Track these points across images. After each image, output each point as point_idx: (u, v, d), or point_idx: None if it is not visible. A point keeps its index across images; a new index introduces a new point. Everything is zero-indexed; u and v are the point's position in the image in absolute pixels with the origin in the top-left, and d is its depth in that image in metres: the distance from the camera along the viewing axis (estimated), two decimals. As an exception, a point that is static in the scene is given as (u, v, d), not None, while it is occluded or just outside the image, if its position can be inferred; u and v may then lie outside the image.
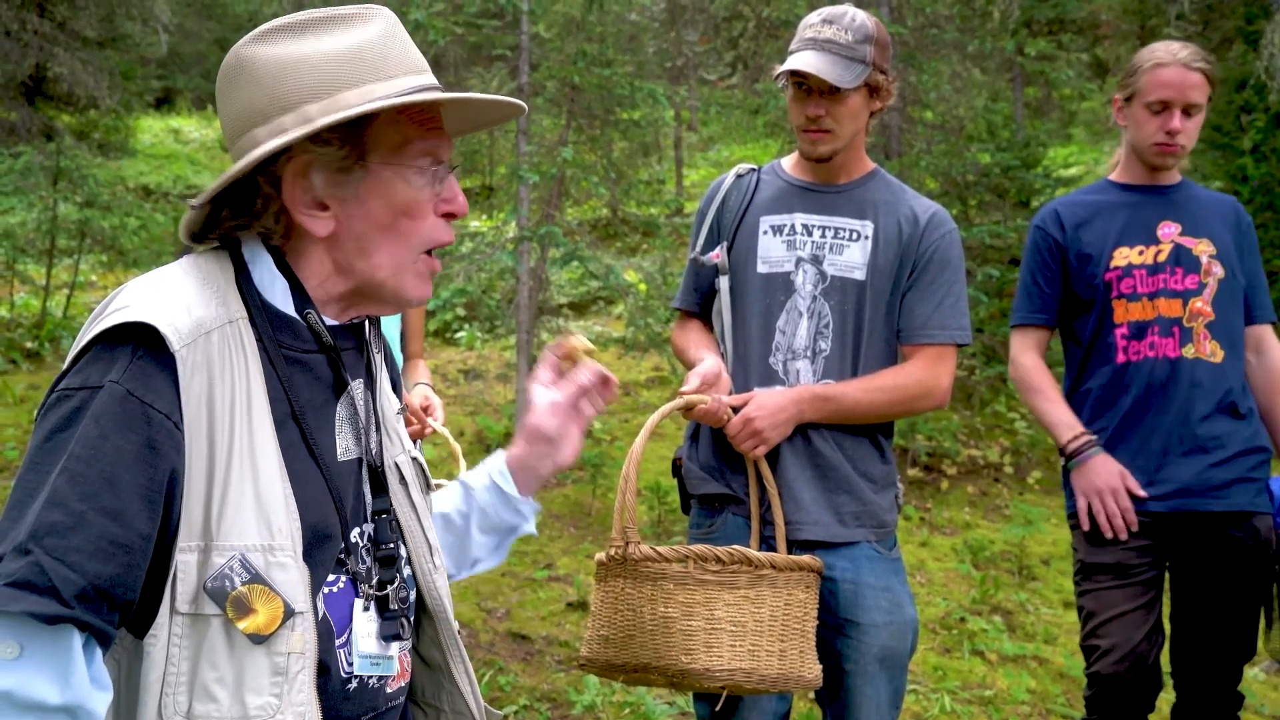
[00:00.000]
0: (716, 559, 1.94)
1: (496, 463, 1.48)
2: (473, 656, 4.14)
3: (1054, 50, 8.59)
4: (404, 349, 2.94)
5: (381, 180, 1.21)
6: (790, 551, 2.23)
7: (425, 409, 2.72)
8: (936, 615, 4.72)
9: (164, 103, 16.84)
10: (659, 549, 1.95)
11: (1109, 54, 12.23)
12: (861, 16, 2.26)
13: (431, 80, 1.23)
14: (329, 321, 1.26)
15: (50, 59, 10.84)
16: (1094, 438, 2.61)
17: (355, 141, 1.19)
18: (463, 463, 2.69)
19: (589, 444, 6.67)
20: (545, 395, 1.47)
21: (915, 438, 6.57)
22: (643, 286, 7.45)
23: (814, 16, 2.28)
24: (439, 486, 2.58)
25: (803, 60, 2.21)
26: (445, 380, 7.86)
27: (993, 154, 7.76)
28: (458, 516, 1.47)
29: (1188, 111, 2.59)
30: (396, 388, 1.44)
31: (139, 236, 8.39)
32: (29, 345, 7.74)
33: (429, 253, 1.26)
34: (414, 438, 2.75)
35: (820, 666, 2.09)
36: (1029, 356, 2.73)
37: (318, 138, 1.17)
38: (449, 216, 1.26)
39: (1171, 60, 2.59)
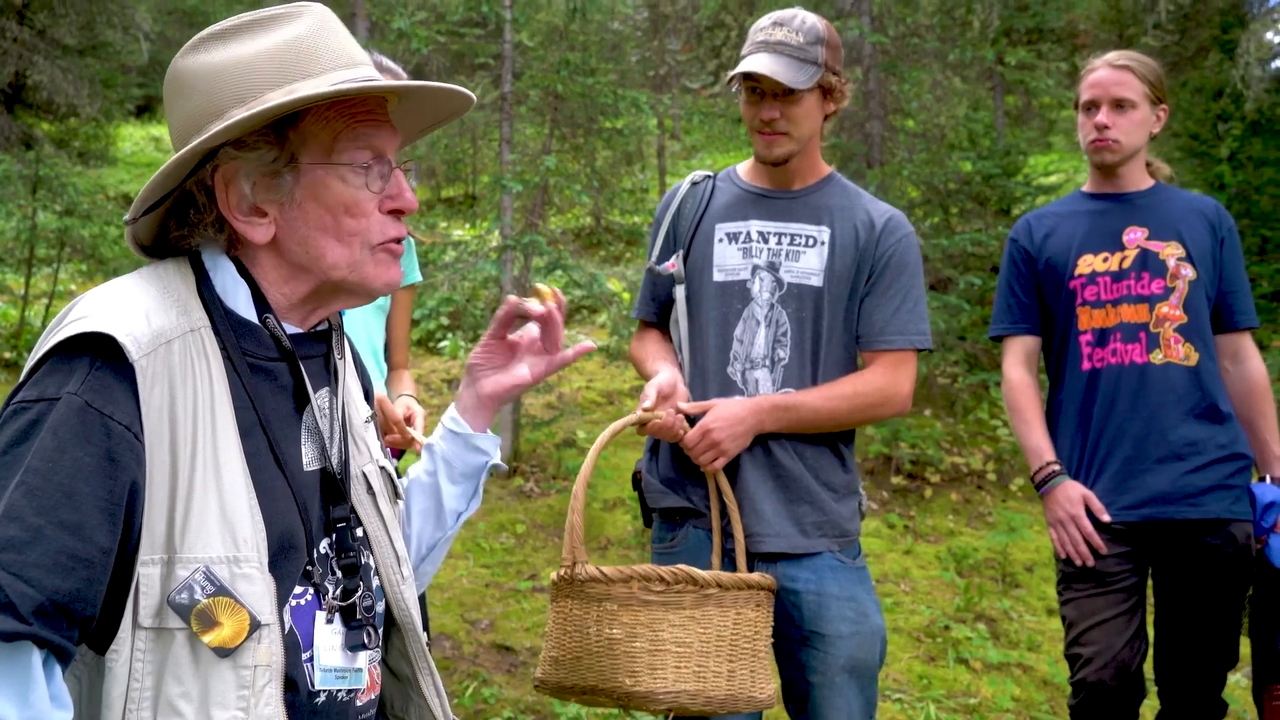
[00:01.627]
0: (660, 579, 1.91)
1: (448, 412, 1.49)
2: (456, 668, 4.11)
3: (1033, 59, 8.65)
4: (388, 359, 2.92)
5: (315, 181, 1.19)
6: (752, 564, 2.20)
7: (408, 419, 2.70)
8: (921, 623, 4.72)
9: (145, 111, 16.74)
10: (604, 569, 1.92)
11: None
12: (812, 19, 2.24)
13: (367, 73, 1.20)
14: (292, 329, 1.24)
15: (30, 67, 10.75)
16: (1059, 467, 2.63)
17: (283, 143, 1.18)
18: None
19: (572, 453, 6.66)
20: (483, 340, 1.49)
21: (899, 445, 6.59)
22: (626, 295, 7.45)
23: (764, 20, 2.26)
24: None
25: (755, 63, 2.19)
26: (429, 390, 7.83)
27: (974, 162, 7.81)
28: (426, 476, 1.47)
29: (1120, 107, 2.64)
30: (368, 396, 1.43)
31: (119, 245, 8.31)
32: (7, 355, 7.67)
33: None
34: (398, 449, 2.72)
35: (774, 686, 2.04)
36: (1016, 372, 2.74)
37: (242, 143, 1.16)
38: (396, 213, 1.24)
39: (1100, 64, 2.69)
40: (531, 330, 1.48)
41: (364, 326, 2.70)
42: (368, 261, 1.22)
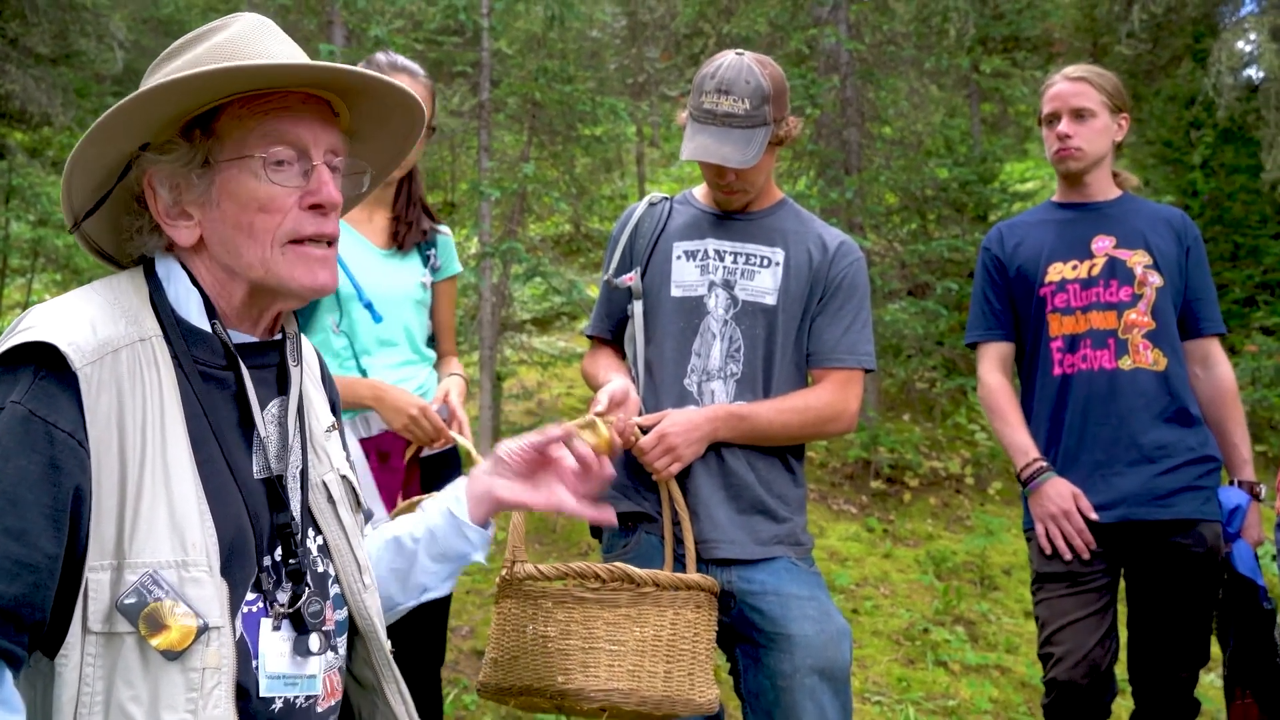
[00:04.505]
0: (596, 576, 1.90)
1: (456, 488, 1.46)
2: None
3: (1009, 68, 8.73)
4: (437, 347, 2.95)
5: (229, 179, 1.19)
6: (704, 570, 2.19)
7: (449, 419, 2.64)
8: (900, 626, 4.74)
9: (120, 120, 16.63)
10: (541, 567, 1.91)
11: (1062, 71, 12.41)
12: (756, 74, 2.21)
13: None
14: (244, 337, 1.25)
15: (1, 76, 10.66)
16: (1046, 464, 2.65)
17: (200, 141, 1.19)
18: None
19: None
20: (527, 438, 1.46)
21: (878, 450, 6.62)
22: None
23: (710, 81, 2.22)
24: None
25: (704, 150, 2.21)
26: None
27: (950, 169, 7.87)
28: (409, 541, 1.45)
29: (1080, 117, 2.70)
30: (334, 407, 1.43)
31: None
32: (-20, 366, 7.60)
33: (308, 241, 1.22)
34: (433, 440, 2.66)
35: (716, 691, 2.02)
36: (993, 376, 2.77)
37: (163, 145, 1.18)
38: (316, 209, 1.22)
39: (1058, 78, 2.77)
40: (573, 461, 1.45)
41: (402, 321, 2.69)
42: (280, 260, 1.20)
